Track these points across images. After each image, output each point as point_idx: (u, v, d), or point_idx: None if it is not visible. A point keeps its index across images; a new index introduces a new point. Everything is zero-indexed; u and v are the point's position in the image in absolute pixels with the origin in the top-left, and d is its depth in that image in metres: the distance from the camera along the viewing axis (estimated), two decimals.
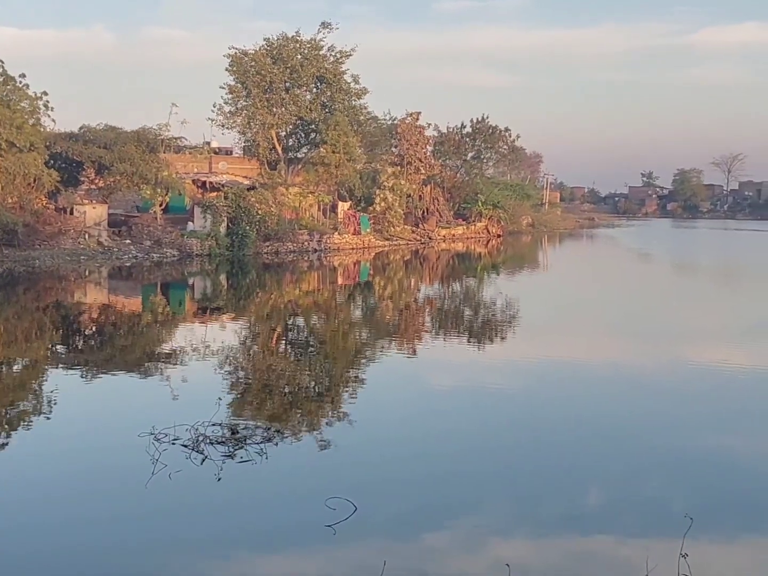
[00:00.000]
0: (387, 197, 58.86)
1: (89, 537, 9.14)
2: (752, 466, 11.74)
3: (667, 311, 29.51)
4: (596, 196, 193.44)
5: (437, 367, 18.76)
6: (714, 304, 32.78)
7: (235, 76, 59.35)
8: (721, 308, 31.13)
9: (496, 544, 8.98)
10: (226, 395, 14.88)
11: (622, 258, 60.49)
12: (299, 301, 30.78)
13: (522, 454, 12.16)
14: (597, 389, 16.79)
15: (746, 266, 52.17)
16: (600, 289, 37.46)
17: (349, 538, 8.91)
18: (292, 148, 62.85)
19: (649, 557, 8.27)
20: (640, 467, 11.63)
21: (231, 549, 8.84)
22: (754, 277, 45.59)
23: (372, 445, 12.49)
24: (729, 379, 17.53)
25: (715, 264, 53.57)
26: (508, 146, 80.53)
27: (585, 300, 32.54)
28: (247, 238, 45.02)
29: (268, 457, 11.22)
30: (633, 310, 29.42)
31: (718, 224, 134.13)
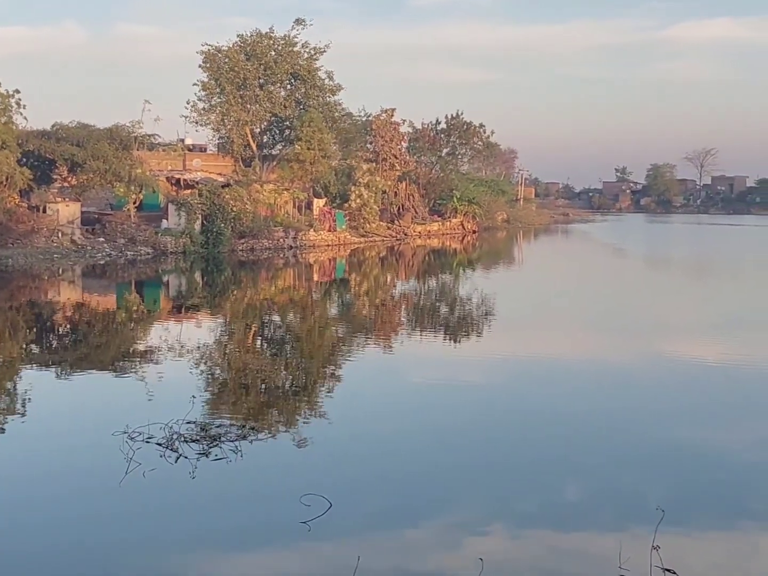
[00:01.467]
0: (362, 194, 58.81)
1: (63, 537, 9.10)
2: (725, 459, 11.86)
3: (642, 306, 29.71)
4: (571, 191, 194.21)
5: (413, 363, 18.79)
6: (688, 298, 33.03)
7: (208, 73, 59.07)
8: (695, 302, 31.37)
9: (472, 539, 9.01)
10: (201, 393, 14.84)
11: (597, 253, 60.82)
12: (275, 298, 30.72)
13: (498, 450, 12.21)
14: (572, 384, 16.86)
15: (719, 261, 52.61)
16: (575, 285, 37.64)
17: (323, 535, 8.92)
18: (266, 145, 62.68)
19: (622, 549, 8.35)
20: (616, 460, 11.72)
21: (206, 547, 8.83)
22: (726, 271, 45.98)
23: (348, 442, 12.50)
24: (703, 373, 17.69)
25: (689, 259, 53.99)
26: (483, 142, 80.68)
27: (560, 295, 32.68)
28: (222, 236, 44.86)
29: (243, 455, 11.21)
30: (608, 305, 29.59)
31: (692, 219, 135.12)
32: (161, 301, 30.53)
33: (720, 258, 54.54)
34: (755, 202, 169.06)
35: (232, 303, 29.72)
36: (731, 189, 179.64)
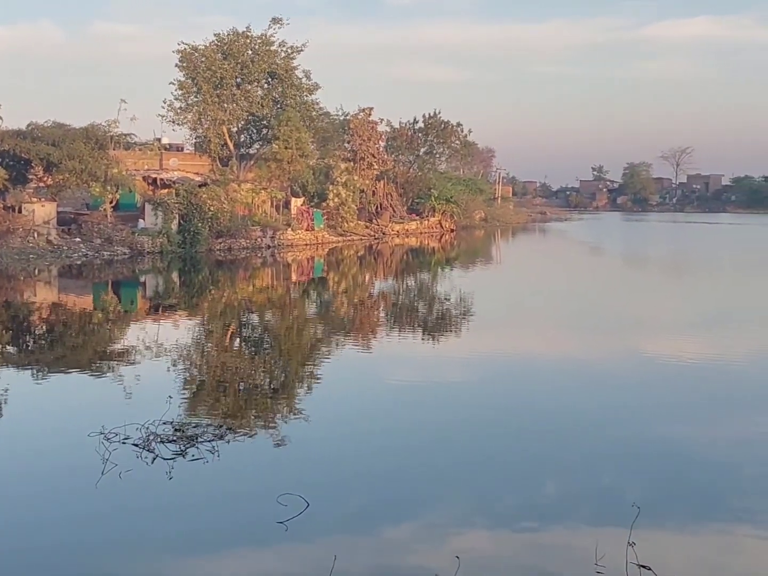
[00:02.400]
0: (340, 193, 58.82)
1: (40, 538, 9.03)
2: (701, 456, 11.92)
3: (619, 304, 29.86)
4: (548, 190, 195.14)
5: (392, 362, 18.81)
6: (664, 296, 33.22)
7: (185, 72, 58.77)
8: (670, 301, 31.56)
9: (449, 538, 9.02)
10: (178, 394, 14.80)
11: (574, 252, 61.09)
12: (253, 297, 30.66)
13: (476, 448, 12.21)
14: (550, 382, 16.90)
15: (694, 259, 52.98)
16: (553, 283, 37.78)
17: (300, 534, 8.91)
18: (243, 144, 62.49)
19: (598, 546, 8.39)
20: (593, 458, 11.78)
21: (182, 547, 8.81)
22: (701, 269, 46.30)
23: (326, 441, 12.48)
24: (679, 371, 17.78)
25: (665, 257, 54.32)
26: (461, 141, 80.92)
27: (538, 294, 32.79)
28: (199, 235, 44.73)
29: (220, 455, 11.18)
30: (584, 303, 29.73)
31: (667, 217, 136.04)
32: (138, 301, 30.38)
33: (695, 256, 54.91)
34: (730, 201, 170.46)
35: (209, 303, 29.62)
36: (707, 187, 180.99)
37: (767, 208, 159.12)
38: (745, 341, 21.48)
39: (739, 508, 9.93)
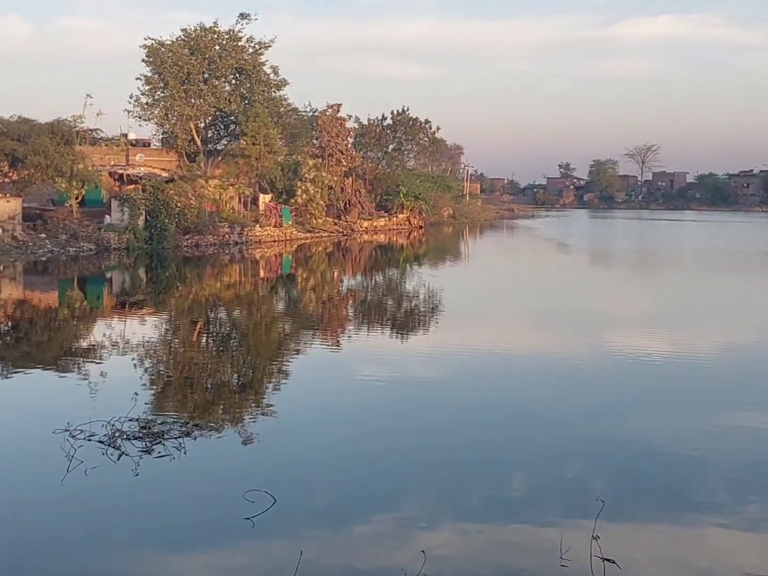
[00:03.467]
0: (308, 189, 58.70)
1: (3, 535, 8.96)
2: (666, 451, 11.98)
3: (586, 300, 30.06)
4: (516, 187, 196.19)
5: (360, 358, 18.82)
6: (630, 292, 33.51)
7: (152, 67, 58.36)
8: (636, 297, 31.85)
9: (416, 534, 9.03)
10: (144, 391, 14.72)
11: (542, 248, 61.43)
12: (220, 294, 30.53)
13: (444, 444, 12.23)
14: (518, 378, 17.01)
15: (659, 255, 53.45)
16: (520, 280, 38.00)
17: (267, 530, 8.91)
18: (211, 140, 62.17)
19: (563, 541, 8.47)
20: (560, 453, 11.83)
21: (149, 545, 8.77)
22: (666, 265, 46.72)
23: (294, 438, 12.46)
24: (645, 366, 17.92)
25: (630, 254, 54.73)
26: (429, 138, 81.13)
27: (506, 290, 32.97)
28: (166, 232, 44.47)
29: (187, 452, 11.15)
30: (552, 300, 29.87)
31: (633, 214, 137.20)
32: (104, 297, 30.14)
33: (659, 253, 55.39)
34: (695, 198, 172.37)
35: (176, 299, 29.47)
36: (671, 185, 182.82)
37: (730, 205, 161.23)
38: (708, 337, 21.71)
39: (703, 501, 10.04)
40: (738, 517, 9.59)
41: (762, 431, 12.97)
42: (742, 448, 12.09)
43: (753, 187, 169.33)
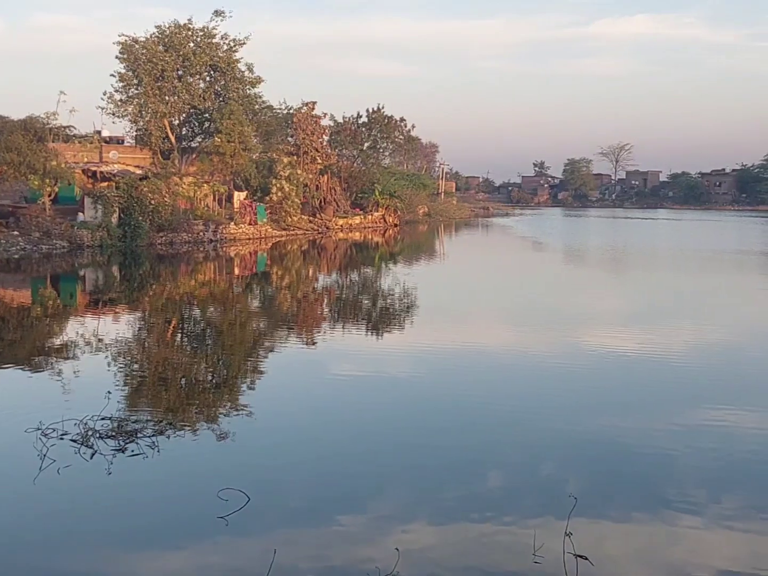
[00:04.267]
0: (283, 187, 58.59)
1: None
2: (639, 447, 12.06)
3: (560, 297, 30.20)
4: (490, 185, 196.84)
5: (335, 356, 18.79)
6: (603, 290, 33.71)
7: (126, 64, 58.08)
8: (610, 294, 32.04)
9: (390, 531, 9.05)
10: (118, 389, 14.64)
11: (517, 246, 61.67)
12: (195, 292, 30.40)
13: (419, 442, 12.25)
14: (493, 375, 17.03)
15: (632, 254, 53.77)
16: (495, 277, 38.13)
17: (241, 529, 8.90)
18: (185, 137, 61.93)
19: (536, 537, 8.53)
20: (534, 450, 11.87)
21: (122, 544, 8.74)
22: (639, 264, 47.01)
23: (268, 436, 12.45)
24: (618, 363, 18.03)
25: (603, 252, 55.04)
26: (404, 136, 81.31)
27: (481, 288, 33.06)
28: (140, 229, 44.26)
29: (160, 451, 11.12)
30: (527, 297, 30.00)
31: (607, 213, 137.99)
32: (78, 295, 29.93)
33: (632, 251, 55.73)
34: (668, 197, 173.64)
35: (150, 297, 29.32)
36: (645, 183, 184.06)
37: (703, 204, 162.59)
38: (681, 334, 21.87)
39: (676, 498, 10.09)
40: (711, 513, 9.66)
41: (734, 428, 13.07)
42: (715, 445, 12.17)
43: (725, 185, 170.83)
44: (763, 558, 8.61)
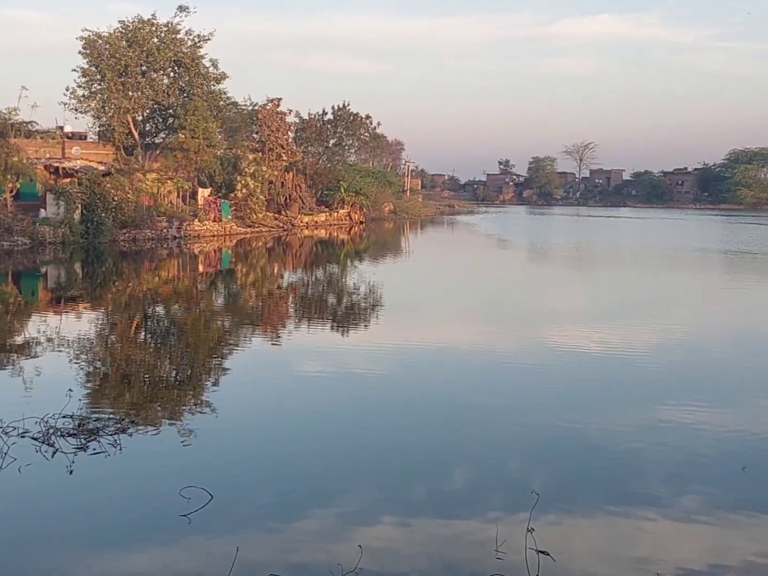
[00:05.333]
0: (248, 184, 58.35)
1: None
2: (602, 443, 12.15)
3: (524, 295, 30.36)
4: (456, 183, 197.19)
5: (300, 354, 18.73)
6: (568, 288, 33.93)
7: (88, 59, 57.49)
8: (574, 292, 32.26)
9: (354, 528, 9.05)
10: (79, 387, 14.50)
11: (481, 244, 61.88)
12: (158, 289, 30.20)
13: (385, 439, 12.27)
14: (458, 372, 17.09)
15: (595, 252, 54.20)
16: (460, 275, 38.23)
17: (203, 527, 8.86)
18: (149, 133, 61.44)
19: (498, 533, 8.57)
20: (498, 447, 11.93)
21: (84, 542, 8.67)
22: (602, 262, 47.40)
23: (232, 434, 12.39)
24: (582, 360, 18.16)
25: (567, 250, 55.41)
26: (370, 133, 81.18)
27: (447, 286, 33.14)
28: (103, 226, 43.88)
29: (122, 449, 11.04)
30: (491, 295, 30.14)
31: (571, 211, 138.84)
32: (39, 293, 29.61)
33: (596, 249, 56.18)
34: (631, 195, 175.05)
35: (113, 295, 29.08)
36: (608, 182, 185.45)
37: (665, 202, 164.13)
38: (643, 332, 22.06)
39: (639, 493, 10.16)
40: (673, 509, 9.73)
41: (696, 425, 13.18)
42: (677, 442, 12.27)
43: (687, 184, 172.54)
44: (724, 552, 8.70)
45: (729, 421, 13.51)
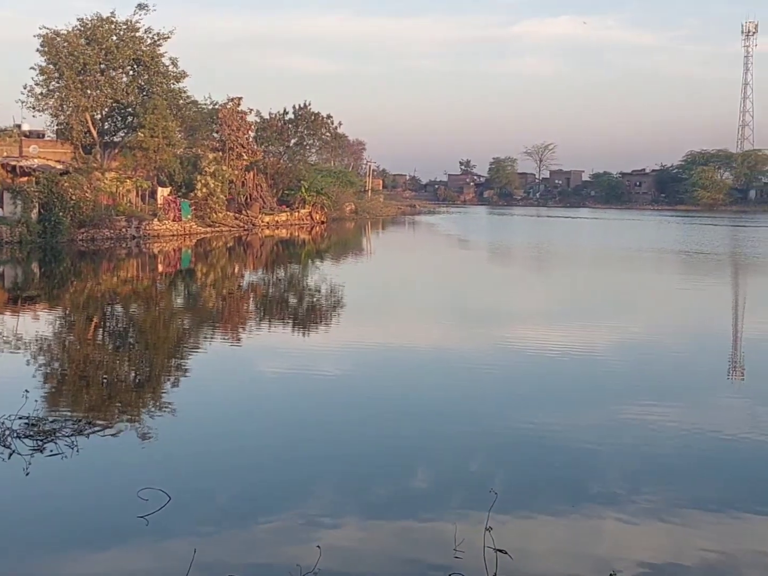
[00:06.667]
0: (208, 183, 58.03)
1: None
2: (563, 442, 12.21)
3: (485, 296, 30.48)
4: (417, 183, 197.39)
5: (261, 354, 18.68)
6: (528, 288, 34.15)
7: (46, 57, 56.83)
8: (535, 292, 32.46)
9: (314, 528, 9.03)
10: (36, 388, 14.33)
11: (442, 244, 62.05)
12: (117, 289, 29.94)
13: (346, 439, 12.29)
14: (420, 372, 17.12)
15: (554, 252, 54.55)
16: (421, 275, 38.32)
17: (161, 529, 8.81)
18: (108, 132, 60.88)
19: (457, 533, 8.60)
20: (461, 446, 11.95)
21: (40, 545, 8.58)
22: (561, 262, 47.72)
23: (191, 435, 12.34)
24: (543, 360, 18.21)
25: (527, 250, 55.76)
26: (331, 133, 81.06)
27: (408, 286, 33.20)
28: (61, 225, 43.43)
29: (79, 450, 10.94)
30: (453, 295, 30.21)
31: (531, 211, 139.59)
32: None
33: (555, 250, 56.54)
34: (590, 196, 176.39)
35: (71, 295, 28.79)
36: (568, 183, 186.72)
37: (624, 203, 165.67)
38: (602, 332, 22.26)
39: (600, 492, 10.22)
40: (632, 507, 9.79)
41: (655, 423, 13.30)
42: (636, 440, 12.38)
43: (645, 185, 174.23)
44: (682, 550, 8.79)
45: (686, 419, 13.65)
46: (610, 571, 7.92)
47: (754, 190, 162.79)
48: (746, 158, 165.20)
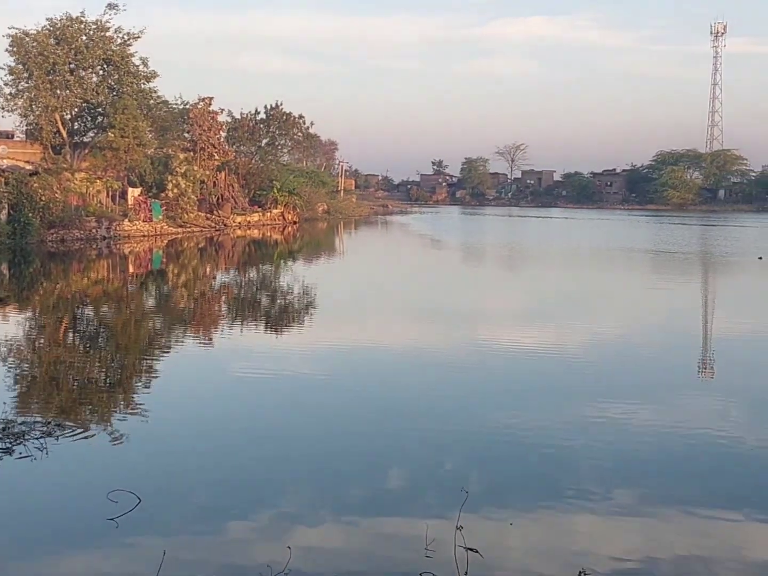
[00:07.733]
0: (180, 183, 57.80)
1: None
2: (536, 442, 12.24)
3: (457, 296, 30.53)
4: (390, 183, 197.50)
5: (233, 356, 18.56)
6: (500, 288, 34.29)
7: (15, 57, 56.43)
8: (506, 292, 32.60)
9: (286, 530, 9.02)
10: (5, 390, 14.23)
11: (415, 244, 62.14)
12: (87, 290, 29.73)
13: (319, 439, 12.26)
14: (394, 372, 17.15)
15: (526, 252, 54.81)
16: (393, 276, 38.35)
17: (131, 531, 8.76)
18: (78, 132, 60.51)
19: (428, 532, 8.61)
20: (434, 446, 11.95)
21: (8, 548, 8.51)
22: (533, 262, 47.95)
23: (162, 437, 12.28)
24: (516, 360, 18.31)
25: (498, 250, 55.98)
26: (303, 133, 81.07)
27: (380, 286, 33.22)
28: (30, 226, 43.05)
29: (49, 453, 10.86)
30: (426, 295, 30.25)
31: (503, 211, 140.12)
32: None
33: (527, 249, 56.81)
34: (561, 196, 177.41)
35: (41, 296, 28.55)
36: (540, 183, 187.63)
37: (595, 203, 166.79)
38: (574, 331, 22.37)
39: (570, 490, 10.24)
40: (605, 506, 9.83)
41: (626, 421, 13.38)
42: (610, 439, 12.44)
43: (616, 185, 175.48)
44: (655, 547, 8.82)
45: (658, 417, 13.75)
46: (579, 569, 7.96)
47: (723, 190, 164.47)
48: (715, 158, 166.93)
